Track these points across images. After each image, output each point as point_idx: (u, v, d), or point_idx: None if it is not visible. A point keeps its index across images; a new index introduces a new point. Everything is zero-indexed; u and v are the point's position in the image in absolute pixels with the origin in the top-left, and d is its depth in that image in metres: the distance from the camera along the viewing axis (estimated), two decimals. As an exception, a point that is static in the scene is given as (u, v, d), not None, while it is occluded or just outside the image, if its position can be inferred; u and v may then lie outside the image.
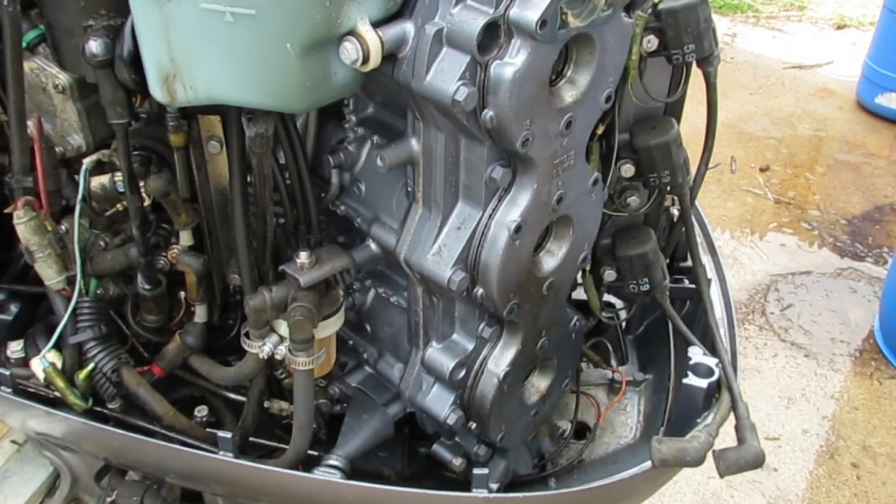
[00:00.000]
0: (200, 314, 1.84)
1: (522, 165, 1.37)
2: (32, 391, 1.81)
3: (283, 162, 1.55)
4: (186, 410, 1.85)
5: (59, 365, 1.71)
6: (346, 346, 1.88)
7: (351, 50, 1.19)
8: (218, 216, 1.74)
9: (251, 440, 1.89)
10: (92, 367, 1.70)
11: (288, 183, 1.57)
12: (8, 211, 1.64)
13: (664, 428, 1.80)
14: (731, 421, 1.57)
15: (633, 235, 1.78)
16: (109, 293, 1.80)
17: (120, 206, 1.71)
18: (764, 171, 5.49)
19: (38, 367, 1.70)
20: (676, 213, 1.89)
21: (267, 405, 1.91)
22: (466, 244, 1.43)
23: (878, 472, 3.40)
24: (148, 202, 1.65)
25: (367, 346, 1.84)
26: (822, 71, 6.91)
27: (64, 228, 1.69)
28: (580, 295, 1.86)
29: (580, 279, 1.81)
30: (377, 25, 1.21)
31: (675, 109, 1.67)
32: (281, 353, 1.57)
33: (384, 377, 1.81)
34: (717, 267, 2.01)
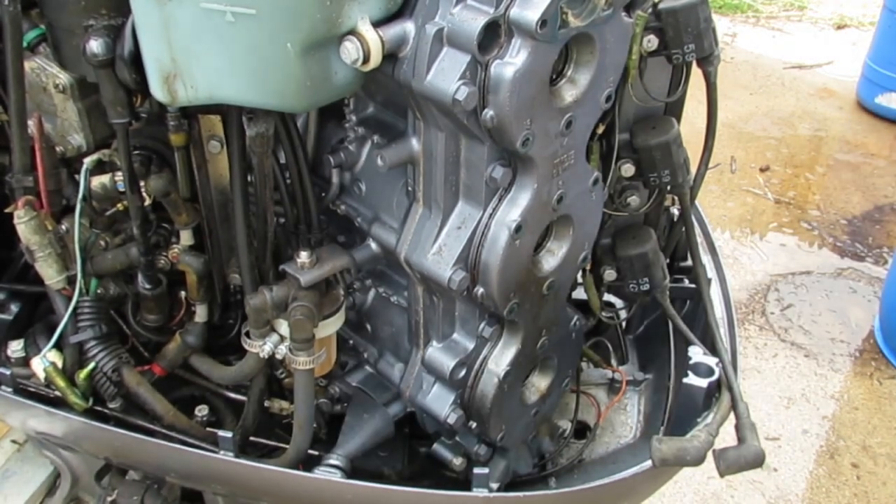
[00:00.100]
0: (201, 314, 1.84)
1: (523, 165, 1.37)
2: (33, 391, 1.81)
3: (283, 161, 1.55)
4: (187, 410, 1.86)
5: (59, 364, 1.71)
6: (346, 345, 1.88)
7: (351, 49, 1.19)
8: (218, 216, 1.74)
9: (252, 439, 1.90)
10: (92, 366, 1.70)
11: (288, 182, 1.57)
12: (8, 210, 1.64)
13: (664, 427, 1.80)
14: (731, 420, 1.57)
15: (633, 235, 1.78)
16: (110, 293, 1.80)
17: (120, 205, 1.71)
18: (764, 171, 5.49)
19: (38, 366, 1.70)
20: (676, 212, 1.89)
21: (267, 404, 1.92)
22: (467, 244, 1.43)
23: (878, 472, 3.40)
24: (148, 202, 1.65)
25: (367, 345, 1.84)
26: (822, 71, 6.91)
27: (64, 228, 1.69)
28: (580, 294, 1.86)
29: (580, 279, 1.81)
30: (378, 25, 1.21)
31: (675, 109, 1.67)
32: (281, 352, 1.57)
33: (384, 377, 1.81)
34: (717, 267, 2.01)
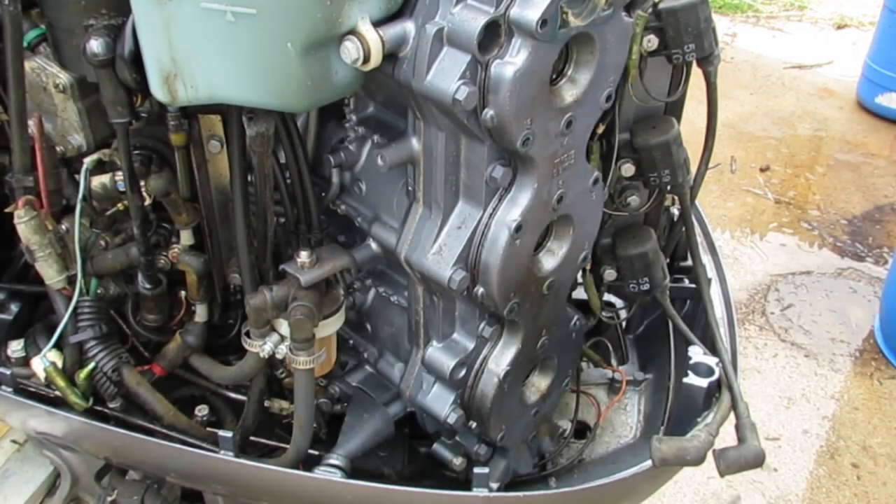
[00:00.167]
0: (201, 313, 1.84)
1: (523, 165, 1.37)
2: (33, 390, 1.81)
3: (283, 161, 1.55)
4: (187, 410, 1.86)
5: (59, 364, 1.71)
6: (346, 345, 1.88)
7: (352, 49, 1.19)
8: (218, 215, 1.74)
9: (252, 439, 1.90)
10: (92, 366, 1.70)
11: (288, 182, 1.57)
12: (9, 210, 1.64)
13: (664, 427, 1.80)
14: (731, 420, 1.57)
15: (633, 235, 1.78)
16: (110, 292, 1.81)
17: (120, 205, 1.71)
18: (764, 171, 5.49)
19: (38, 366, 1.70)
20: (676, 212, 1.89)
21: (267, 404, 1.92)
22: (467, 243, 1.43)
23: (878, 472, 3.40)
24: (148, 201, 1.65)
25: (367, 345, 1.84)
26: (822, 71, 6.91)
27: (64, 228, 1.69)
28: (580, 294, 1.86)
29: (580, 278, 1.81)
30: (378, 25, 1.21)
31: (675, 109, 1.67)
32: (281, 352, 1.57)
33: (384, 376, 1.81)
34: (717, 266, 2.01)
